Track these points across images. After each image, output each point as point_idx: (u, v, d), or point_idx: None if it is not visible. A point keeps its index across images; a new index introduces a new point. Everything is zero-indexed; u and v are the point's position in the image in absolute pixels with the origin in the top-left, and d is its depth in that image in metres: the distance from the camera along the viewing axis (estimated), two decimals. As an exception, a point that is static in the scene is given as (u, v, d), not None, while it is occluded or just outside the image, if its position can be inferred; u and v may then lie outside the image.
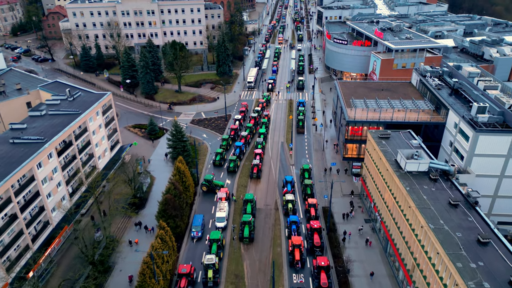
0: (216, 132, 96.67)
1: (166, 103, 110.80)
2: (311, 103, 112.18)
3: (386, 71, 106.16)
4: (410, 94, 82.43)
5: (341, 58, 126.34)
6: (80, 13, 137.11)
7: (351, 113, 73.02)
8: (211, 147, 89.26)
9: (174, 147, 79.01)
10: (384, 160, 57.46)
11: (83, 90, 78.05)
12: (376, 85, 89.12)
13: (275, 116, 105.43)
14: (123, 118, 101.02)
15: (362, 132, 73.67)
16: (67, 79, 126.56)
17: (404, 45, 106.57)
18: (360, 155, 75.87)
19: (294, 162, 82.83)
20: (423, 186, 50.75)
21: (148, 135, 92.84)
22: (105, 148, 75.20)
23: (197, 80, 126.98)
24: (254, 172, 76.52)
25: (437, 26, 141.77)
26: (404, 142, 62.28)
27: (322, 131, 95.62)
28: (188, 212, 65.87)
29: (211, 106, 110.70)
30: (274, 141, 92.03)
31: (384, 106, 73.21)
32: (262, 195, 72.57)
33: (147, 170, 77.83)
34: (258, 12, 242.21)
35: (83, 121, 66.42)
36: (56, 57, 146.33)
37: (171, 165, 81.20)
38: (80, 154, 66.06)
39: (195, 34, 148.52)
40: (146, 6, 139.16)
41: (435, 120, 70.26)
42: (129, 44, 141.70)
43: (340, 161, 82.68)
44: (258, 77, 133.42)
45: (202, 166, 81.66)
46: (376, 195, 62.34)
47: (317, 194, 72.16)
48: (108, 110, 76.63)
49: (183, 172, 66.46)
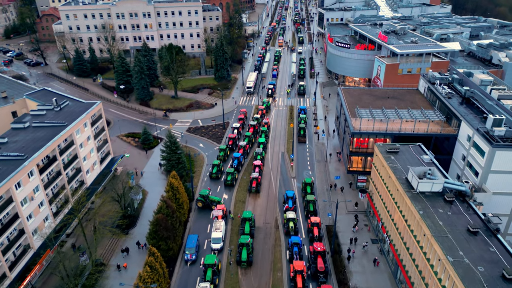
0: (213, 141, 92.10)
1: (161, 109, 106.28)
2: (313, 110, 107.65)
3: (391, 77, 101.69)
4: (418, 102, 77.98)
5: (343, 62, 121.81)
6: (74, 15, 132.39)
7: (356, 124, 68.51)
8: (207, 158, 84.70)
9: (168, 159, 74.46)
10: (393, 178, 52.94)
11: (72, 99, 73.59)
12: (382, 92, 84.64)
13: (275, 123, 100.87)
14: (116, 126, 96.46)
15: (368, 144, 69.20)
16: (59, 84, 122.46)
17: (410, 49, 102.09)
18: (366, 168, 71.35)
19: (295, 175, 78.30)
20: (438, 210, 46.22)
21: (142, 145, 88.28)
22: (94, 161, 70.68)
23: (194, 85, 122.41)
24: (253, 186, 71.96)
25: (442, 28, 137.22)
26: (414, 157, 57.75)
27: (324, 140, 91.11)
28: (181, 231, 61.32)
29: (208, 113, 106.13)
30: (274, 151, 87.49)
31: (391, 117, 68.70)
32: (261, 211, 68.05)
33: (138, 184, 73.06)
34: (258, 13, 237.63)
35: (69, 134, 61.90)
36: (49, 60, 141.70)
37: (164, 177, 76.66)
38: (65, 170, 61.55)
39: (193, 37, 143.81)
40: (141, 8, 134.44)
41: (446, 132, 65.79)
42: (124, 47, 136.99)
43: (344, 173, 78.21)
44: (258, 81, 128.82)
45: (198, 179, 77.12)
46: (384, 214, 57.80)
47: (320, 210, 67.65)
48: (97, 120, 72.14)
49: (176, 188, 61.95)
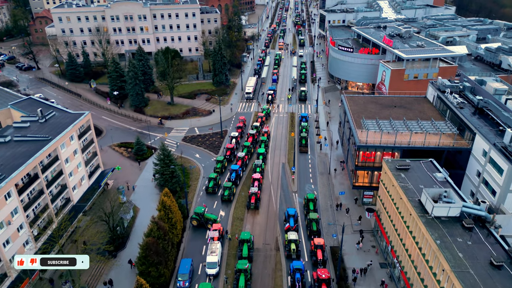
0: (211, 151, 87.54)
1: (156, 117, 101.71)
2: (315, 117, 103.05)
3: (397, 82, 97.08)
4: (427, 112, 73.42)
5: (346, 67, 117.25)
6: (67, 18, 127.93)
7: (362, 137, 63.92)
8: (204, 170, 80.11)
9: (162, 173, 69.90)
10: (405, 200, 48.37)
11: (58, 109, 69.07)
12: (388, 100, 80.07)
13: (275, 132, 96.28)
14: (108, 135, 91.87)
15: (375, 158, 64.65)
16: (51, 90, 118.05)
17: (416, 54, 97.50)
18: (373, 183, 66.78)
19: (297, 189, 73.71)
20: (456, 239, 41.63)
21: (135, 156, 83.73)
22: (82, 176, 66.13)
23: (192, 90, 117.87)
24: (251, 203, 67.34)
25: (448, 31, 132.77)
26: (426, 175, 53.15)
27: (327, 150, 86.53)
28: (174, 254, 56.75)
29: (205, 121, 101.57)
30: (275, 162, 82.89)
31: (400, 128, 64.08)
32: (260, 230, 63.46)
33: (129, 201, 68.17)
34: (258, 15, 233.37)
35: (52, 148, 57.36)
36: (41, 65, 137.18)
37: (158, 192, 72.03)
38: (49, 188, 57.01)
39: (190, 40, 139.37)
40: (137, 11, 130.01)
41: (459, 146, 61.21)
42: (119, 51, 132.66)
43: (348, 187, 73.65)
44: (257, 86, 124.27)
45: (193, 193, 72.54)
46: (394, 237, 53.19)
47: (323, 229, 63.04)
48: (86, 132, 67.61)
49: (169, 207, 57.37)
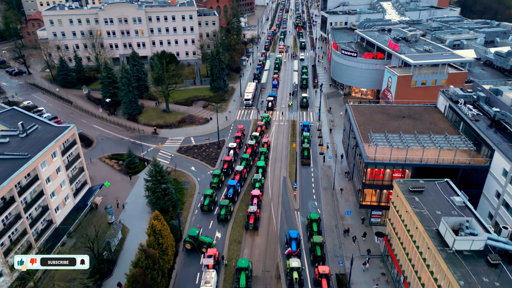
0: (207, 163, 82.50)
1: (150, 125, 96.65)
2: (317, 125, 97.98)
3: (403, 89, 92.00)
4: (438, 123, 68.46)
5: (349, 72, 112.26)
6: (58, 21, 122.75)
7: (370, 152, 58.87)
8: (200, 184, 75.07)
9: (153, 191, 64.81)
10: (421, 230, 43.34)
11: (42, 121, 63.97)
12: (396, 110, 75.06)
13: (275, 142, 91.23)
14: (99, 146, 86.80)
15: (384, 176, 59.62)
16: (41, 96, 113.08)
17: (424, 59, 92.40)
18: (381, 202, 61.78)
19: (299, 206, 68.67)
20: (481, 278, 36.59)
21: (126, 169, 78.70)
22: (67, 194, 61.09)
23: (188, 97, 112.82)
24: (250, 223, 62.27)
25: (454, 34, 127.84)
26: (443, 199, 48.13)
27: (331, 163, 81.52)
28: (165, 283, 51.57)
29: (202, 129, 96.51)
30: (275, 176, 77.87)
31: (411, 143, 59.02)
32: (260, 254, 58.41)
33: (117, 222, 62.82)
34: (258, 16, 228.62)
35: (32, 167, 52.37)
36: (33, 69, 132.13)
37: (150, 210, 67.03)
38: (28, 211, 51.98)
39: (187, 44, 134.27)
40: (132, 13, 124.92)
41: (476, 163, 56.21)
42: (113, 55, 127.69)
43: (354, 203, 68.70)
44: (257, 92, 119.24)
45: (187, 212, 67.48)
46: (407, 268, 48.14)
47: (328, 254, 58.02)
48: (71, 147, 62.57)
49: (159, 231, 52.37)
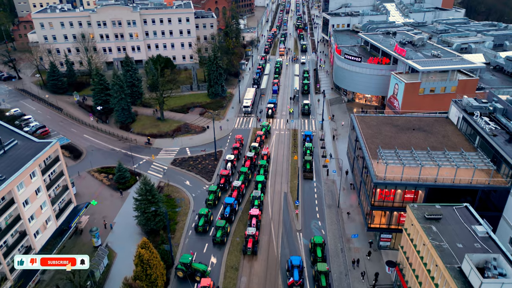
0: (203, 177, 77.37)
1: (144, 135, 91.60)
2: (320, 135, 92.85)
3: (411, 97, 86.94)
4: (451, 136, 63.38)
5: (353, 77, 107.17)
6: (49, 24, 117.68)
7: (380, 171, 53.75)
8: (194, 201, 69.94)
9: (143, 211, 59.65)
10: (441, 267, 38.24)
11: (22, 136, 58.86)
12: (405, 121, 69.94)
13: (276, 152, 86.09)
14: (88, 158, 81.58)
15: (395, 196, 54.52)
16: (31, 103, 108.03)
17: (433, 65, 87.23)
18: (391, 225, 56.69)
19: (301, 227, 63.54)
20: (516, 331, 31.63)
21: (116, 184, 73.61)
22: (48, 216, 55.93)
23: (184, 103, 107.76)
24: (248, 247, 57.04)
25: (461, 37, 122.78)
26: (464, 229, 43.03)
27: (335, 177, 76.46)
28: (154, 319, 46.79)
29: (198, 139, 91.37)
30: (275, 191, 72.77)
31: (424, 161, 53.85)
32: (259, 283, 53.22)
33: (103, 247, 57.53)
34: (257, 18, 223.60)
35: (7, 191, 47.26)
36: (23, 74, 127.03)
37: (140, 231, 62.01)
38: (2, 239, 46.83)
39: (184, 47, 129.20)
40: (126, 16, 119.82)
41: (496, 184, 51.11)
42: (107, 59, 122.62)
43: (361, 224, 63.66)
44: (256, 98, 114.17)
45: (180, 233, 62.32)
46: (423, 305, 43.14)
47: (334, 283, 52.93)
48: (53, 164, 57.44)
49: (147, 261, 47.37)
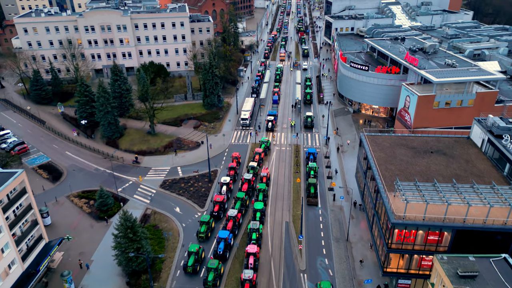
0: (195, 202, 69.50)
1: (132, 152, 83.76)
2: (325, 152, 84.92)
3: (424, 111, 79.33)
4: (475, 162, 55.71)
5: (359, 87, 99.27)
6: (33, 29, 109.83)
7: (398, 209, 45.94)
8: (184, 232, 62.01)
9: (123, 250, 51.64)
10: None
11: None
12: (421, 142, 62.16)
13: (276, 172, 78.15)
14: (68, 181, 73.66)
15: (416, 238, 46.67)
16: (12, 114, 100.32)
17: (449, 76, 79.28)
18: (410, 269, 48.85)
19: (305, 266, 55.58)
20: None
21: (98, 212, 65.72)
22: (12, 259, 48.07)
23: (178, 115, 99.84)
24: (244, 294, 49.46)
25: (473, 42, 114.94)
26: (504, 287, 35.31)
27: (342, 203, 68.65)
28: None
29: (192, 156, 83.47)
30: (276, 221, 64.80)
31: (451, 197, 46.07)
32: None
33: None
34: (257, 20, 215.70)
35: (-47, 238, 39.52)
36: (7, 82, 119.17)
37: (121, 272, 54.14)
38: None
39: (179, 53, 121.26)
40: (115, 20, 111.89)
41: (537, 226, 43.37)
42: (95, 66, 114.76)
43: (374, 263, 55.79)
44: (255, 109, 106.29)
45: (167, 274, 54.34)
46: None
47: None
48: (19, 198, 49.60)
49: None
